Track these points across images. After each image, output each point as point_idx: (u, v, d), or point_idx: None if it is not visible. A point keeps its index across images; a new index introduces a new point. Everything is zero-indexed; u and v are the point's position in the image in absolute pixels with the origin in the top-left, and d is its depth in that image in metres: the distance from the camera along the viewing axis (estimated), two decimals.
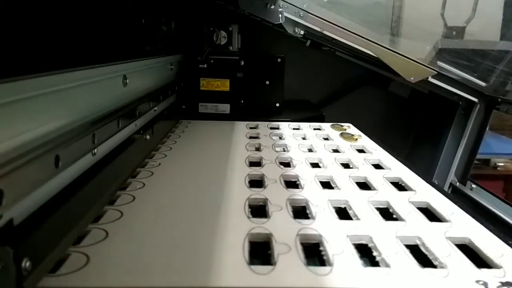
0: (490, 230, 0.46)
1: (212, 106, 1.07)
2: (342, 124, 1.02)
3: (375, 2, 1.34)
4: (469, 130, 1.17)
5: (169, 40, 0.98)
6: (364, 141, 0.85)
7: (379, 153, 0.76)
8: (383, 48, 1.12)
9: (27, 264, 0.31)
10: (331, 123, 1.03)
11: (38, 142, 0.35)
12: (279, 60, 1.12)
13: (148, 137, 0.71)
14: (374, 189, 0.57)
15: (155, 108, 0.79)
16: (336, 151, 0.77)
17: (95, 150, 0.48)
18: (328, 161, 0.69)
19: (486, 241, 0.43)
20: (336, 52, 1.23)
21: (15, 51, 0.37)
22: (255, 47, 1.35)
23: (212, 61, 1.08)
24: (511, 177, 1.89)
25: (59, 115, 0.40)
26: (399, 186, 0.60)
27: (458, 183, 1.17)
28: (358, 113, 1.54)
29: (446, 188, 1.20)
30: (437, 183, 1.24)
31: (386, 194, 0.55)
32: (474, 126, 1.17)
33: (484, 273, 0.36)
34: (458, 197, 1.17)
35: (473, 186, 1.10)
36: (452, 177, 1.19)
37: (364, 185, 0.59)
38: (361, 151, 0.78)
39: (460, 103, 1.21)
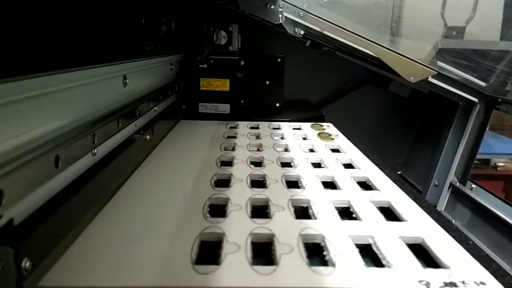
0: (448, 230, 0.45)
1: (212, 106, 1.07)
2: (322, 124, 1.02)
3: (375, 2, 1.34)
4: (469, 130, 1.17)
5: (169, 40, 0.98)
6: (341, 140, 0.85)
7: (352, 152, 0.76)
8: (383, 48, 1.12)
9: (27, 264, 0.31)
10: (311, 123, 1.03)
11: (38, 142, 0.35)
12: (279, 60, 1.12)
13: (148, 137, 0.71)
14: (339, 188, 0.57)
15: (155, 108, 0.79)
16: (311, 150, 0.77)
17: (95, 150, 0.48)
18: (300, 160, 0.69)
19: (440, 241, 0.42)
20: (336, 52, 1.23)
21: (15, 51, 0.37)
22: (255, 47, 1.35)
23: (212, 61, 1.08)
24: (511, 177, 1.89)
25: (59, 115, 0.40)
26: (366, 185, 0.60)
27: (458, 183, 1.17)
28: (358, 113, 1.54)
29: (446, 188, 1.20)
30: (437, 183, 1.24)
31: (349, 194, 0.55)
32: (474, 126, 1.17)
33: (430, 273, 0.36)
34: (458, 197, 1.17)
35: (473, 186, 1.10)
36: (452, 177, 1.19)
37: (330, 185, 0.59)
38: (335, 150, 0.78)
39: (460, 103, 1.21)
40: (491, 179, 1.87)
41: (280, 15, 1.09)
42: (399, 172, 1.58)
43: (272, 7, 1.07)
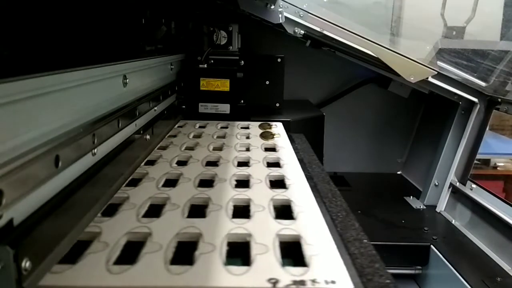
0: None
1: (212, 106, 1.07)
2: (270, 123, 1.00)
3: (375, 2, 1.34)
4: (469, 130, 1.17)
5: (169, 40, 0.98)
6: (279, 140, 0.85)
7: (284, 152, 0.75)
8: (383, 48, 1.12)
9: (27, 264, 0.31)
10: (260, 122, 1.00)
11: (38, 142, 0.35)
12: (279, 60, 1.12)
13: (148, 137, 0.71)
14: (248, 187, 0.57)
15: (155, 108, 0.79)
16: (247, 149, 0.76)
17: (95, 150, 0.48)
18: (228, 159, 0.69)
19: (317, 240, 0.42)
20: (336, 52, 1.23)
21: (15, 51, 0.37)
22: (255, 47, 1.35)
23: (212, 61, 1.08)
24: (511, 177, 1.89)
25: (59, 115, 0.40)
26: (280, 183, 0.60)
27: (458, 183, 1.17)
28: (358, 113, 1.54)
29: (446, 188, 1.20)
30: (437, 183, 1.24)
31: (256, 192, 0.54)
32: (474, 126, 1.17)
33: (284, 272, 0.35)
34: (458, 197, 1.17)
35: (473, 186, 1.10)
36: (452, 177, 1.19)
37: (244, 183, 0.59)
38: (270, 149, 0.77)
39: (460, 103, 1.21)
40: (491, 179, 1.87)
41: (280, 15, 1.09)
42: (399, 172, 1.58)
43: (272, 7, 1.07)
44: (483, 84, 1.15)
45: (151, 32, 0.84)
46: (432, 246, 1.00)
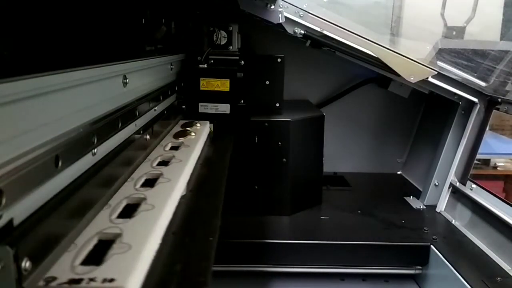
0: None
1: (212, 106, 1.07)
2: (196, 121, 0.96)
3: (375, 2, 1.34)
4: (469, 130, 1.17)
5: (169, 40, 0.98)
6: (190, 139, 0.83)
7: (185, 151, 0.74)
8: (383, 48, 1.12)
9: (27, 264, 0.31)
10: (184, 121, 0.98)
11: (38, 142, 0.35)
12: (279, 60, 1.12)
13: (148, 137, 0.71)
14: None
15: (155, 108, 0.79)
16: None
17: (95, 150, 0.48)
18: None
19: (135, 239, 0.41)
20: (336, 52, 1.23)
21: (15, 51, 0.37)
22: (255, 47, 1.35)
23: (212, 61, 1.08)
24: (511, 177, 1.89)
25: (59, 115, 0.40)
26: (152, 182, 0.58)
27: (458, 183, 1.17)
28: (358, 113, 1.54)
29: (446, 188, 1.20)
30: (437, 183, 1.24)
31: (121, 191, 0.54)
32: (474, 126, 1.17)
33: (69, 270, 0.35)
34: (458, 197, 1.17)
35: (473, 186, 1.10)
36: (452, 177, 1.19)
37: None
38: (173, 148, 0.76)
39: (460, 103, 1.21)
40: (491, 179, 1.87)
41: (280, 15, 1.09)
42: (399, 172, 1.58)
43: (272, 7, 1.07)
44: (483, 84, 1.15)
45: (151, 32, 0.84)
46: (432, 246, 1.00)
